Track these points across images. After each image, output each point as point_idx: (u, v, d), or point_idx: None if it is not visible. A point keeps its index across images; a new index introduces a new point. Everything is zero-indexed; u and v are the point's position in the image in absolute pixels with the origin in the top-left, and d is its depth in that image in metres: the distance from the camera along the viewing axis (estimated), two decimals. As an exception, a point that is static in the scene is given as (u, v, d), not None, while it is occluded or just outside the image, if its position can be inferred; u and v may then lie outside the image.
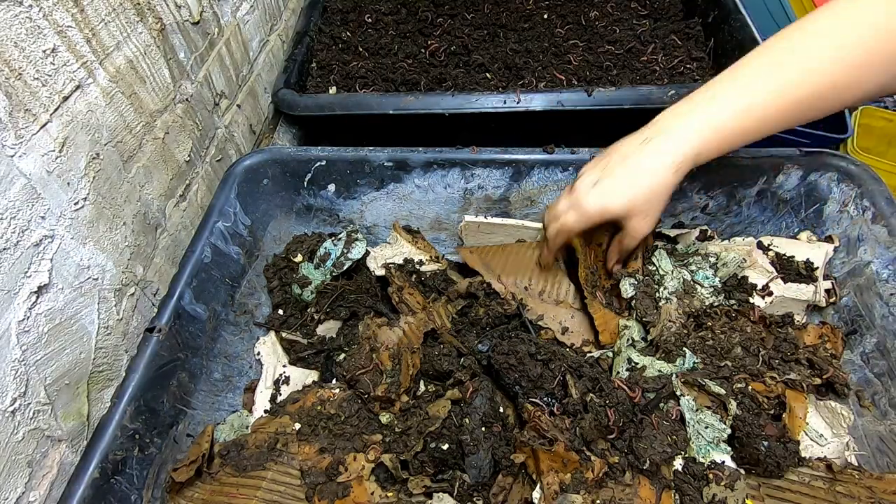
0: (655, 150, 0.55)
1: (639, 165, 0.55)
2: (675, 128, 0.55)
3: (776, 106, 0.53)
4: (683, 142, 0.54)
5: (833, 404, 0.59)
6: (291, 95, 0.89)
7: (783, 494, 0.53)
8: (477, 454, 0.54)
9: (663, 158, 0.54)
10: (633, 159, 0.56)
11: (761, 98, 0.53)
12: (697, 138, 0.54)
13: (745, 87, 0.53)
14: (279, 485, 0.57)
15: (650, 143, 0.55)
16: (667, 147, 0.54)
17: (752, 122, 0.54)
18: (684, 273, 0.66)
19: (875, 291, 0.63)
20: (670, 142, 0.54)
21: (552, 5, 1.10)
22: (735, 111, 0.53)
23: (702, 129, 0.54)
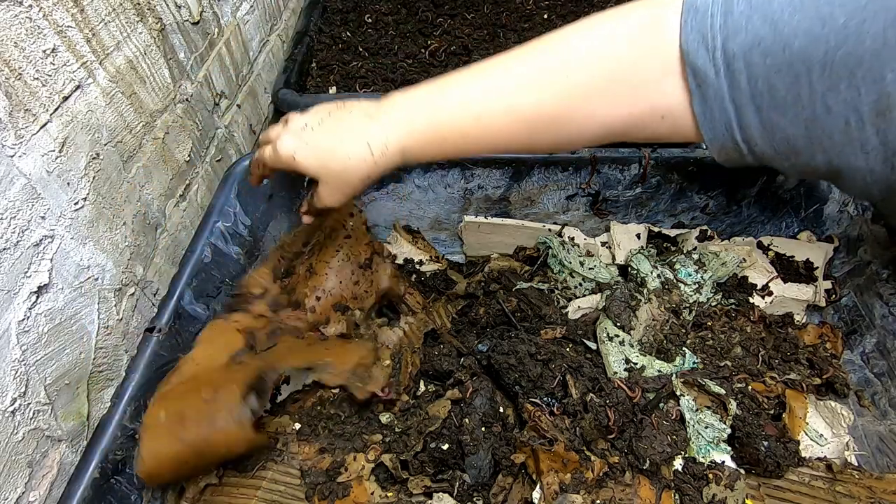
0: (366, 128, 0.50)
1: (346, 139, 0.50)
2: (395, 112, 0.50)
3: (498, 116, 0.48)
4: (395, 130, 0.50)
5: (833, 404, 0.59)
6: (291, 95, 0.89)
7: (783, 494, 0.53)
8: (477, 454, 0.54)
9: (369, 144, 0.50)
10: (346, 129, 0.51)
11: (488, 105, 0.48)
12: (410, 131, 0.49)
13: (481, 94, 0.48)
14: (279, 485, 0.57)
15: (367, 120, 0.50)
16: (377, 130, 0.50)
17: (477, 131, 0.49)
18: (666, 272, 0.66)
19: (875, 291, 0.63)
20: (383, 129, 0.50)
21: (552, 5, 1.10)
22: (461, 116, 0.49)
23: (420, 123, 0.49)
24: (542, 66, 0.47)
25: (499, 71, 0.49)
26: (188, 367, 0.59)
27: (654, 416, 0.55)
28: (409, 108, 0.50)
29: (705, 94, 0.42)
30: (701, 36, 0.41)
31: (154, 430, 0.54)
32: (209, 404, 0.54)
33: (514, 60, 0.49)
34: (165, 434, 0.53)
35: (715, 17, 0.40)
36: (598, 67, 0.46)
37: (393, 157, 0.50)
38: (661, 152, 0.72)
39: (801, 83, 0.38)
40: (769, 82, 0.39)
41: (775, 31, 0.38)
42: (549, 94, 0.47)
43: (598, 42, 0.46)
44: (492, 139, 0.50)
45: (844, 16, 0.36)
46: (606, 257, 0.74)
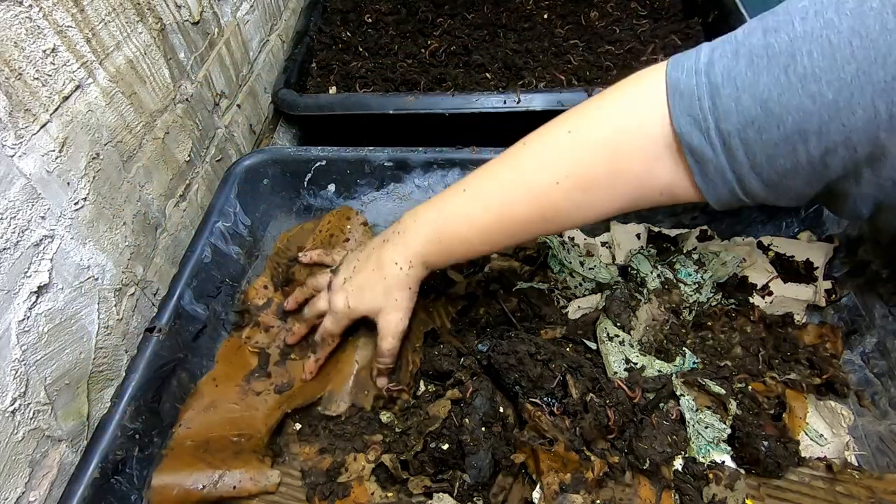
0: (390, 252, 0.57)
1: (375, 268, 0.57)
2: (407, 232, 0.57)
3: (500, 224, 0.53)
4: (412, 249, 0.56)
5: (833, 404, 0.59)
6: (291, 95, 0.89)
7: (783, 494, 0.53)
8: (477, 454, 0.54)
9: (395, 263, 0.56)
10: (372, 259, 0.58)
11: (485, 216, 0.53)
12: (423, 246, 0.56)
13: (471, 203, 0.54)
14: (279, 485, 0.57)
15: (387, 246, 0.57)
16: (398, 250, 0.56)
17: (474, 235, 0.54)
18: (666, 272, 0.66)
19: (875, 291, 0.63)
20: (401, 248, 0.56)
21: (552, 5, 1.10)
22: (458, 222, 0.54)
23: (427, 235, 0.56)
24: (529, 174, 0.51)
25: (489, 182, 0.54)
26: (208, 388, 0.63)
27: (654, 416, 0.55)
28: (417, 230, 0.56)
29: (705, 170, 0.44)
30: (692, 119, 0.42)
31: (178, 453, 0.57)
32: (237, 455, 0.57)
33: (502, 168, 0.53)
34: (188, 461, 0.56)
35: (703, 100, 0.42)
36: (590, 172, 0.48)
37: (419, 269, 0.57)
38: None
39: (799, 152, 0.40)
40: (767, 154, 0.41)
41: (766, 111, 0.40)
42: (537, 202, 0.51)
43: (587, 148, 0.48)
44: (493, 243, 0.56)
45: (832, 92, 0.37)
46: (606, 257, 0.74)
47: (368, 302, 0.58)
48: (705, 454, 0.54)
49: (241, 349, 0.67)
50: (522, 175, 0.51)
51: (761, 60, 0.40)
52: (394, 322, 0.59)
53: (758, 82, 0.39)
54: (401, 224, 0.58)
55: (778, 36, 0.39)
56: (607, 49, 0.99)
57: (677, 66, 0.44)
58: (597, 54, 0.98)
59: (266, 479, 0.56)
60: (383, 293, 0.57)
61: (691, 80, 0.42)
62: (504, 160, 0.53)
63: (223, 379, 0.64)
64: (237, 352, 0.67)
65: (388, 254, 0.57)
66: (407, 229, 0.57)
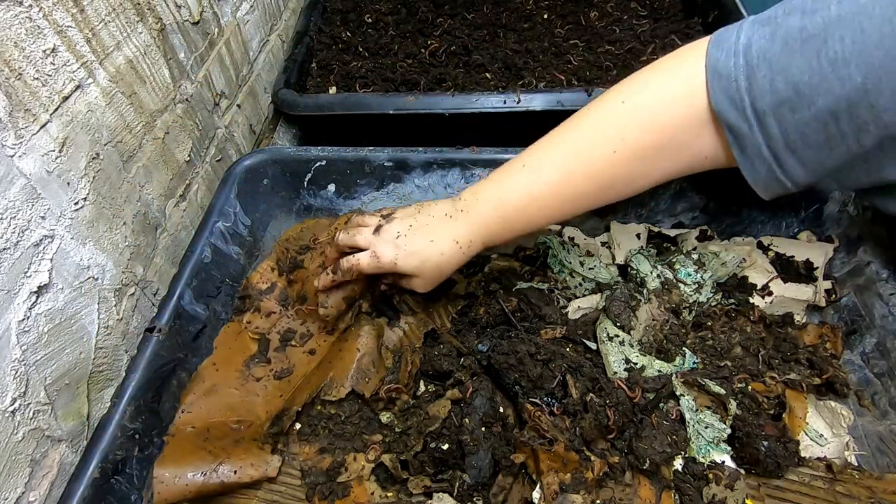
0: (452, 229, 0.58)
1: (435, 239, 0.58)
2: (470, 210, 0.57)
3: (560, 197, 0.54)
4: (474, 227, 0.57)
5: (833, 404, 0.59)
6: (291, 95, 0.89)
7: (783, 494, 0.53)
8: (477, 454, 0.54)
9: (455, 239, 0.57)
10: (433, 232, 0.58)
11: (545, 189, 0.54)
12: (485, 225, 0.57)
13: (531, 177, 0.55)
14: (279, 485, 0.57)
15: (448, 221, 0.58)
16: (460, 229, 0.57)
17: (535, 210, 0.56)
18: (665, 272, 0.66)
19: (875, 291, 0.63)
20: (463, 225, 0.57)
21: (552, 5, 1.10)
22: (519, 197, 0.55)
23: (490, 215, 0.57)
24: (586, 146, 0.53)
25: (548, 157, 0.55)
26: (208, 372, 0.63)
27: (654, 416, 0.55)
28: (480, 209, 0.57)
29: (743, 146, 0.47)
30: (728, 98, 0.45)
31: (180, 440, 0.57)
32: (237, 443, 0.57)
33: (559, 142, 0.55)
34: (189, 449, 0.57)
35: (739, 81, 0.44)
36: (643, 140, 0.50)
37: (476, 248, 0.59)
38: (661, 152, 0.72)
39: (831, 129, 0.42)
40: (800, 131, 0.43)
41: (798, 93, 0.42)
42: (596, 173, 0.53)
43: (640, 118, 0.50)
44: (553, 217, 0.57)
45: (861, 76, 0.39)
46: (606, 257, 0.74)
47: (415, 268, 0.59)
48: (705, 454, 0.54)
49: (242, 334, 0.67)
50: (580, 147, 0.53)
51: (795, 44, 0.41)
52: (424, 286, 0.61)
53: (791, 65, 0.42)
54: (462, 201, 0.58)
55: (813, 18, 0.41)
56: (607, 49, 0.99)
57: (718, 45, 0.46)
58: (597, 54, 0.98)
59: (266, 465, 0.56)
60: (434, 267, 0.58)
61: (730, 61, 0.45)
62: (560, 133, 0.55)
63: (223, 363, 0.64)
64: (237, 337, 0.67)
65: (448, 230, 0.58)
66: (469, 207, 0.57)
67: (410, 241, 0.59)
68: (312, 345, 0.67)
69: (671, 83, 0.49)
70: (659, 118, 0.49)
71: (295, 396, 0.61)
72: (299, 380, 0.64)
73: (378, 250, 0.59)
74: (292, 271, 0.70)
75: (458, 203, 0.59)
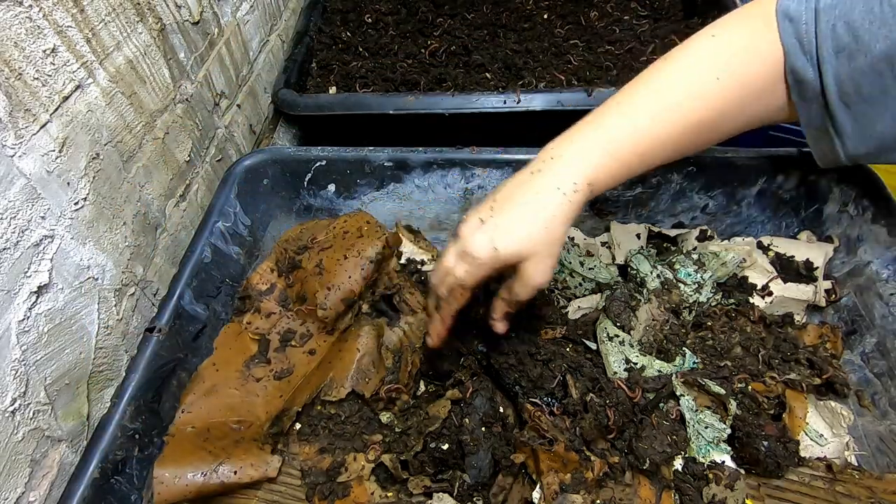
0: (547, 180, 0.49)
1: (530, 198, 0.48)
2: (565, 155, 0.50)
3: (666, 130, 0.50)
4: (576, 169, 0.49)
5: (833, 404, 0.59)
6: (291, 95, 0.89)
7: (783, 494, 0.53)
8: (477, 454, 0.54)
9: (557, 188, 0.48)
10: (523, 192, 0.49)
11: (650, 122, 0.50)
12: (591, 164, 0.49)
13: (632, 112, 0.51)
14: (279, 485, 0.57)
15: (540, 174, 0.49)
16: (560, 176, 0.48)
17: (644, 145, 0.50)
18: (665, 272, 0.66)
19: (875, 291, 0.63)
20: (563, 170, 0.49)
21: (552, 5, 1.10)
22: (625, 134, 0.50)
23: (594, 153, 0.49)
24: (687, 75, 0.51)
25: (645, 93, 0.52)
26: (209, 373, 0.63)
27: (654, 416, 0.55)
28: (578, 152, 0.50)
29: (804, 92, 0.49)
30: (797, 41, 0.47)
31: (180, 441, 0.57)
32: (237, 444, 0.57)
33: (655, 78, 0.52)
34: (189, 449, 0.56)
35: (809, 25, 0.47)
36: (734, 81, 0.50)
37: (583, 193, 0.49)
38: (661, 152, 0.72)
39: (885, 78, 0.44)
40: (855, 81, 0.45)
41: (857, 39, 0.44)
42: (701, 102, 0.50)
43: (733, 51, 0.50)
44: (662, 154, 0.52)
45: None
46: (606, 257, 0.74)
47: (520, 241, 0.47)
48: (705, 454, 0.54)
49: (242, 335, 0.67)
50: (681, 76, 0.51)
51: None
52: (543, 270, 0.49)
53: (853, 10, 0.44)
54: (549, 152, 0.51)
55: None
56: (607, 49, 0.99)
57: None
58: (597, 54, 0.98)
59: (266, 465, 0.56)
60: (542, 227, 0.47)
61: (801, 5, 0.47)
62: (652, 73, 0.52)
63: (223, 364, 0.64)
64: (237, 337, 0.67)
65: (544, 181, 0.49)
66: (563, 153, 0.50)
67: (499, 216, 0.48)
68: (312, 345, 0.67)
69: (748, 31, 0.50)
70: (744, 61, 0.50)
71: (295, 397, 0.61)
72: (299, 380, 0.64)
73: (468, 247, 0.48)
74: (291, 272, 0.70)
75: (544, 155, 0.51)
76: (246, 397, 0.62)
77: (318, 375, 0.62)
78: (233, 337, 0.67)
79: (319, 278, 0.67)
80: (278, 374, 0.64)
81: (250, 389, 0.63)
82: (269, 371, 0.64)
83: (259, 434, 0.58)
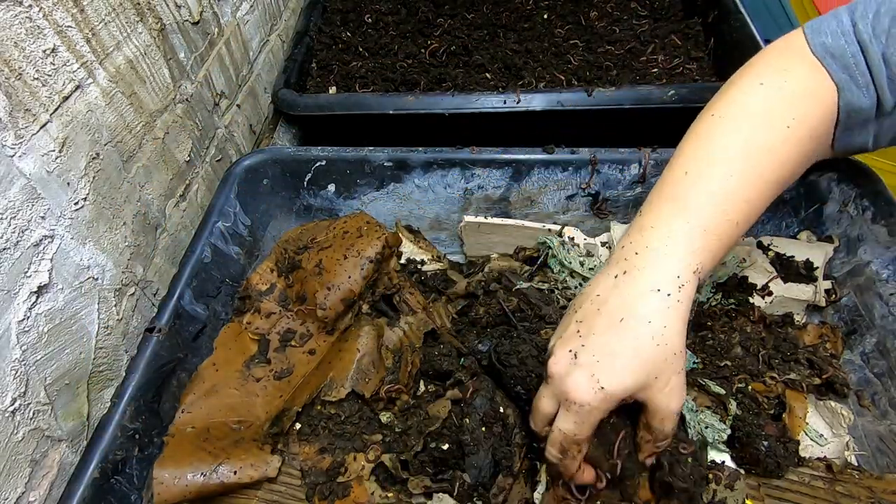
0: (641, 283, 0.41)
1: (626, 312, 0.40)
2: (653, 246, 0.42)
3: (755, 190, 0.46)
4: (676, 259, 0.41)
5: (833, 404, 0.59)
6: (291, 95, 0.89)
7: (783, 494, 0.53)
8: (477, 454, 0.54)
9: (658, 289, 0.40)
10: (615, 306, 0.41)
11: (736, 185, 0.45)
12: (690, 248, 0.42)
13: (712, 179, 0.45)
14: (279, 485, 0.57)
15: (629, 278, 0.41)
16: (656, 274, 0.41)
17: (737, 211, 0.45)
18: None
19: (875, 291, 0.63)
20: (657, 265, 0.41)
21: (552, 5, 1.10)
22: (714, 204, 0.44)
23: (691, 236, 0.42)
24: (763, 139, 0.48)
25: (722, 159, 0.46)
26: (208, 373, 0.63)
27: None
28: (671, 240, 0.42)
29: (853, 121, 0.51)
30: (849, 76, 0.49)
31: (180, 441, 0.57)
32: (237, 444, 0.57)
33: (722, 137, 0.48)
34: (189, 450, 0.56)
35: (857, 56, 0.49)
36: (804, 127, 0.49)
37: (692, 285, 0.41)
38: (660, 152, 0.72)
39: None
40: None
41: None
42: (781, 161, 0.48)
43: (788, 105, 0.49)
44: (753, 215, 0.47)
45: None
46: (607, 257, 0.74)
47: (631, 372, 0.39)
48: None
49: (242, 335, 0.67)
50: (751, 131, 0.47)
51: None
52: (674, 392, 0.40)
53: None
54: (629, 248, 0.43)
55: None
56: (607, 49, 0.99)
57: (818, 32, 0.50)
58: (597, 54, 0.98)
59: (266, 465, 0.56)
60: (653, 346, 0.39)
61: (839, 40, 0.49)
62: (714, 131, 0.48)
63: (223, 364, 0.64)
64: (237, 337, 0.67)
65: (636, 285, 0.41)
66: (649, 244, 0.42)
67: (594, 345, 0.40)
68: (312, 345, 0.67)
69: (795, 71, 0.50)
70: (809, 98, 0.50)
71: (295, 397, 0.61)
72: (299, 380, 0.64)
73: (569, 393, 0.40)
74: (291, 272, 0.70)
75: (622, 257, 0.43)
76: (246, 397, 0.62)
77: (318, 375, 0.62)
78: (233, 337, 0.67)
79: (319, 278, 0.67)
80: (278, 374, 0.64)
81: (250, 389, 0.63)
82: (269, 371, 0.64)
83: (259, 434, 0.58)
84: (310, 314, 0.67)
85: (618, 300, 0.41)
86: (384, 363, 0.63)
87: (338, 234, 0.72)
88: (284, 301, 0.70)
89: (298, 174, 0.78)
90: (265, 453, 0.57)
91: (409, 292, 0.70)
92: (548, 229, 0.76)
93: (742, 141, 0.47)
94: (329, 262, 0.67)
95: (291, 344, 0.66)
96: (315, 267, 0.68)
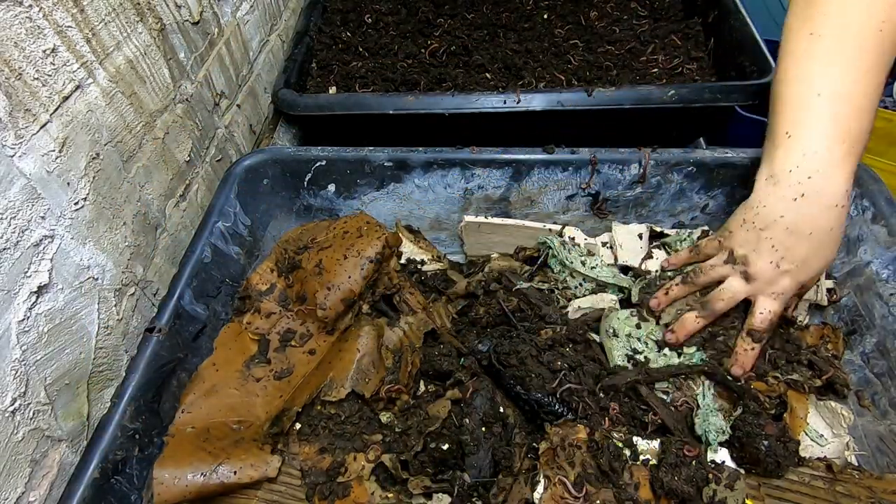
0: (822, 202, 0.52)
1: (815, 228, 0.53)
2: (822, 169, 0.52)
3: (875, 96, 0.52)
4: (843, 178, 0.52)
5: (833, 404, 0.59)
6: (291, 95, 0.89)
7: (783, 494, 0.53)
8: (477, 454, 0.54)
9: (835, 205, 0.52)
10: (803, 223, 0.53)
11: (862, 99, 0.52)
12: (849, 167, 0.52)
13: (841, 96, 0.52)
14: (279, 485, 0.57)
15: (808, 199, 0.52)
16: (832, 193, 0.52)
17: (866, 119, 0.52)
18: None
19: (875, 291, 0.63)
20: (830, 184, 0.52)
21: (552, 5, 1.10)
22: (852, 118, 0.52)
23: (847, 154, 0.52)
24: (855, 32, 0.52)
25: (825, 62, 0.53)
26: (208, 373, 0.63)
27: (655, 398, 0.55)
28: (830, 157, 0.52)
29: None
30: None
31: (180, 441, 0.57)
32: (237, 444, 0.57)
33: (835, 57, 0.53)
34: (189, 450, 0.56)
35: None
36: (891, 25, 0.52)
37: (852, 191, 0.54)
38: (661, 152, 0.72)
39: None
40: None
41: None
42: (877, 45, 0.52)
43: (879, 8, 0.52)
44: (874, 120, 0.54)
45: None
46: (608, 257, 0.74)
47: (821, 269, 0.56)
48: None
49: (242, 335, 0.67)
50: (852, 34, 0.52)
51: None
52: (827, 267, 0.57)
53: None
54: (800, 171, 0.52)
55: None
56: (607, 49, 0.99)
57: None
58: (597, 54, 0.98)
59: (266, 465, 0.56)
60: (835, 247, 0.54)
61: None
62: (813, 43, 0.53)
63: (223, 363, 0.64)
64: (237, 337, 0.67)
65: (818, 204, 0.52)
66: (820, 169, 0.52)
67: (792, 255, 0.54)
68: (312, 345, 0.67)
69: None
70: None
71: (295, 397, 0.61)
72: (299, 380, 0.64)
73: (777, 289, 0.56)
74: (291, 272, 0.71)
75: (796, 181, 0.53)
76: (246, 397, 0.62)
77: (318, 375, 0.62)
78: (233, 337, 0.67)
79: (319, 278, 0.67)
80: (278, 374, 0.64)
81: (250, 389, 0.63)
82: (269, 371, 0.64)
83: (259, 434, 0.58)
84: (310, 314, 0.67)
85: (805, 219, 0.52)
86: (384, 363, 0.63)
87: (338, 234, 0.72)
88: (284, 301, 0.70)
89: (298, 174, 0.78)
90: (265, 453, 0.57)
91: (409, 292, 0.70)
92: (548, 229, 0.76)
93: (852, 53, 0.52)
94: (329, 262, 0.67)
95: (291, 344, 0.66)
96: (315, 267, 0.68)
